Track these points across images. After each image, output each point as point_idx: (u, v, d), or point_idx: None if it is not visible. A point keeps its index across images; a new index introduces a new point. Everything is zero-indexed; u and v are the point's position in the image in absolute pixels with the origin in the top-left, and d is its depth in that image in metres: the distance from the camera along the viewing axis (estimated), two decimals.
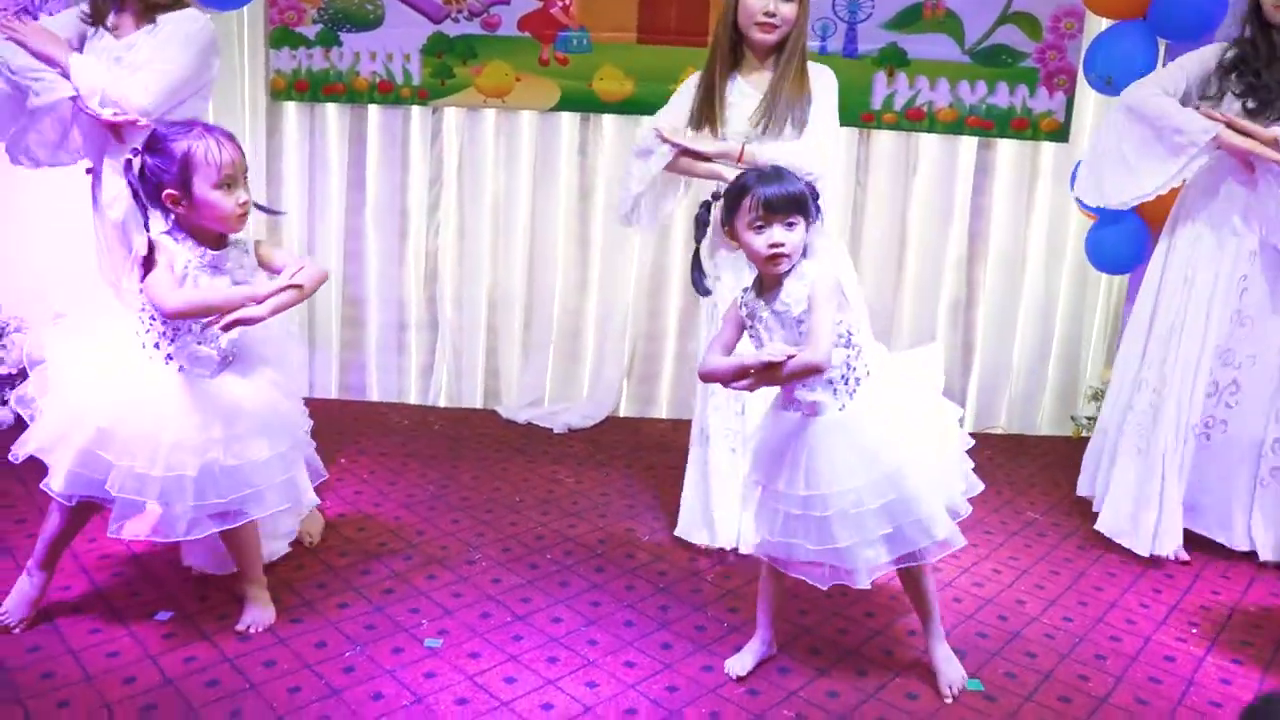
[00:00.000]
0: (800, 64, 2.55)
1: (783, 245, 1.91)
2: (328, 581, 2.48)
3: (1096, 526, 2.93)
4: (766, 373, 1.91)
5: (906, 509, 1.96)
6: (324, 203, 3.85)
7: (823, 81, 2.59)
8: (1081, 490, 3.13)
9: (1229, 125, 2.58)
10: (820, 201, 2.04)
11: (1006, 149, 3.83)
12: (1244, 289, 2.72)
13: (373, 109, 3.80)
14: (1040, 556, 2.84)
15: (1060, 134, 3.76)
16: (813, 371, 1.91)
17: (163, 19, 2.53)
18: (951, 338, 3.97)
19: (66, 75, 2.44)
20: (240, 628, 2.22)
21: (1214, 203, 2.72)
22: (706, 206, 2.03)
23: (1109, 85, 3.37)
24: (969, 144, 3.82)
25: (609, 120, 3.80)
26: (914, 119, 3.74)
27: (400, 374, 4.03)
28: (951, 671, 2.13)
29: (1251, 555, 2.81)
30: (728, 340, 2.04)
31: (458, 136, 3.83)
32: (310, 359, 3.96)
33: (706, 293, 2.23)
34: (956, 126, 3.75)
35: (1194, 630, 2.46)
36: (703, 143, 2.54)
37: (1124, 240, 3.47)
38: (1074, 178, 3.46)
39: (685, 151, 2.55)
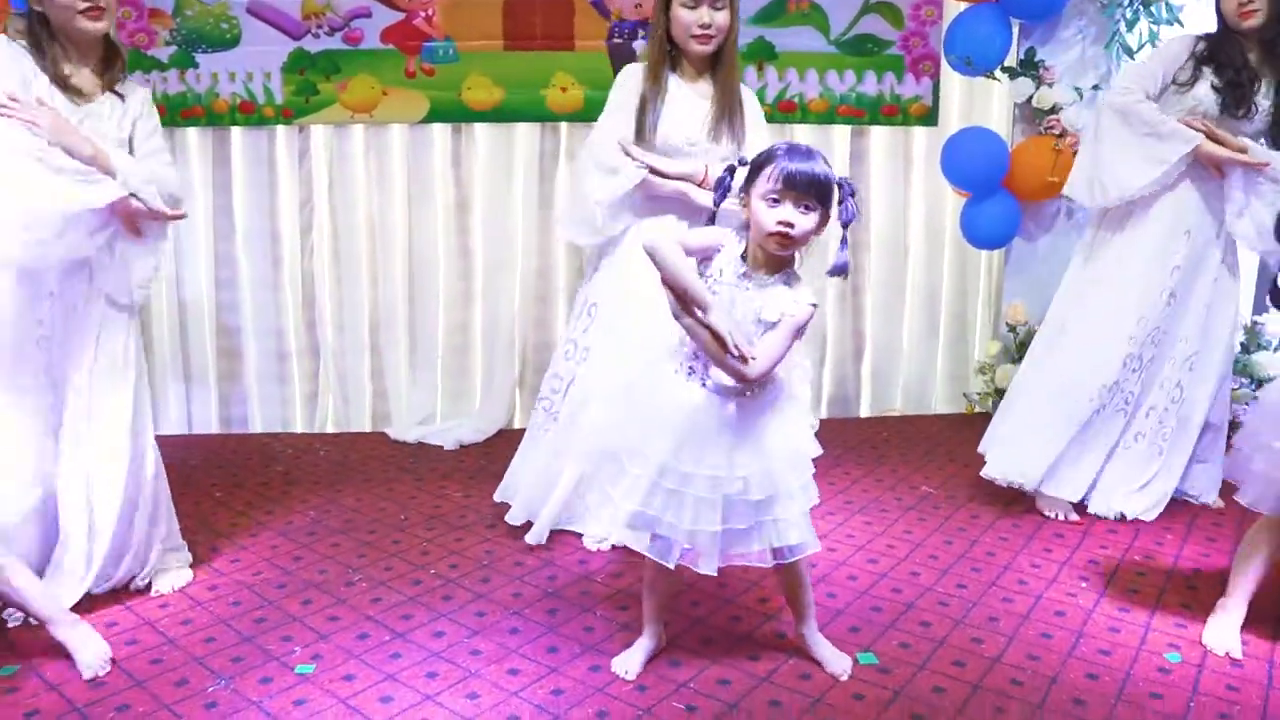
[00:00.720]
0: (737, 72, 2.58)
1: (792, 226, 1.79)
2: (193, 617, 2.33)
3: (986, 471, 2.95)
4: (705, 333, 1.80)
5: (776, 507, 1.91)
6: (190, 231, 3.69)
7: (751, 101, 2.62)
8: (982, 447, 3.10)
9: (1208, 135, 2.66)
10: (853, 201, 1.89)
11: (879, 136, 3.88)
12: (1175, 266, 2.79)
13: (235, 131, 3.67)
14: (934, 529, 2.83)
15: (929, 118, 3.83)
16: (736, 378, 1.83)
17: (135, 94, 2.34)
18: (841, 325, 3.99)
19: (108, 172, 2.14)
20: (88, 676, 2.06)
21: (1167, 197, 2.77)
22: (731, 170, 1.92)
23: (969, 66, 3.45)
24: (842, 133, 3.86)
25: (481, 129, 3.74)
26: (786, 111, 3.76)
27: (284, 403, 3.87)
28: (836, 662, 2.08)
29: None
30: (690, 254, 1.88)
31: (326, 154, 3.72)
32: (186, 394, 3.78)
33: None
34: (828, 116, 3.78)
35: (1084, 584, 2.48)
36: (669, 163, 2.50)
37: (997, 217, 3.55)
38: (945, 159, 3.52)
39: (653, 171, 2.50)
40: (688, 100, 2.55)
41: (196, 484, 3.20)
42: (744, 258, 1.89)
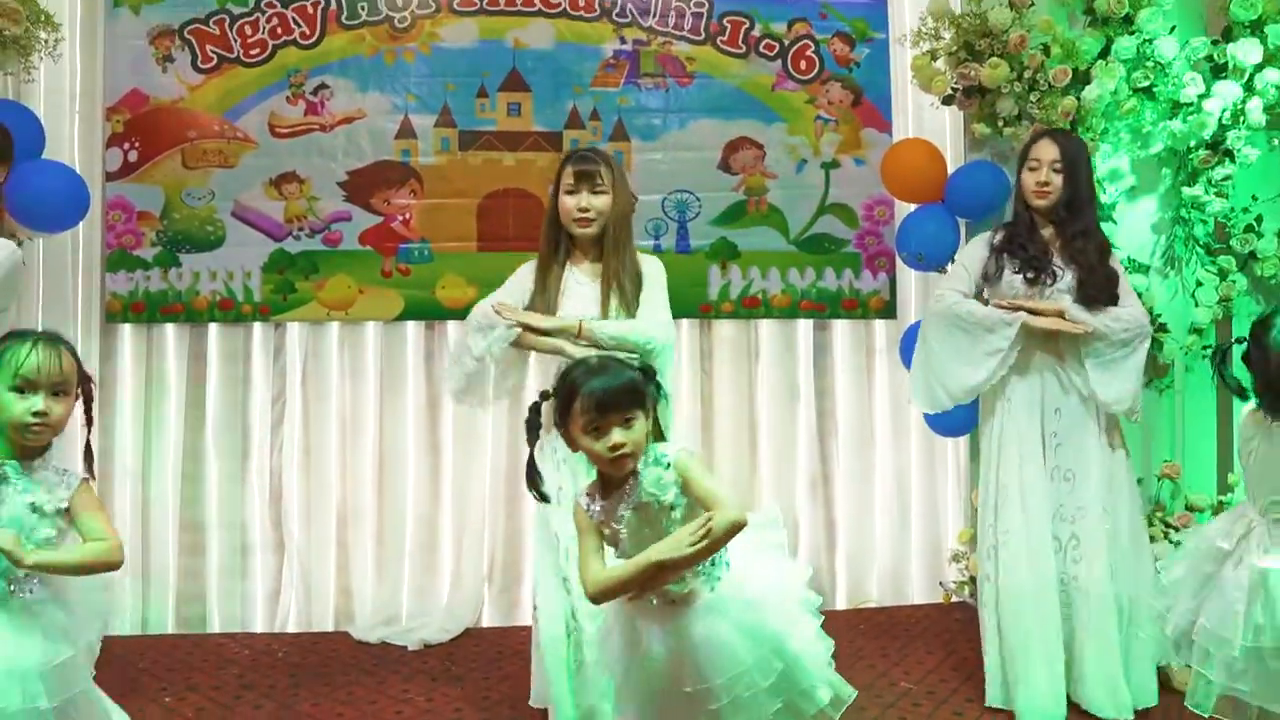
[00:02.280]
0: (628, 250, 2.64)
1: (624, 445, 1.77)
2: None
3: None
4: (683, 565, 1.75)
5: (793, 679, 1.82)
6: (160, 424, 3.70)
7: (649, 269, 2.68)
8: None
9: (1027, 311, 2.77)
10: (662, 378, 1.93)
11: (841, 329, 4.01)
12: (1057, 444, 2.83)
13: (213, 327, 3.75)
14: None
15: (888, 311, 3.97)
16: (739, 529, 1.76)
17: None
18: (813, 516, 3.98)
19: None
20: None
21: (1028, 375, 2.86)
22: (536, 409, 1.89)
23: (921, 261, 3.61)
24: (806, 326, 3.99)
25: (454, 326, 3.82)
26: (750, 306, 3.90)
27: (245, 601, 3.75)
28: None
29: None
30: (597, 547, 1.84)
31: (301, 350, 3.78)
32: (144, 593, 3.66)
33: (545, 499, 2.02)
34: (791, 311, 3.92)
35: None
36: (542, 319, 2.56)
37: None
38: (905, 350, 3.64)
39: (525, 327, 2.55)
40: (580, 284, 2.62)
41: (144, 689, 3.05)
42: (600, 487, 1.86)
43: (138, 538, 3.69)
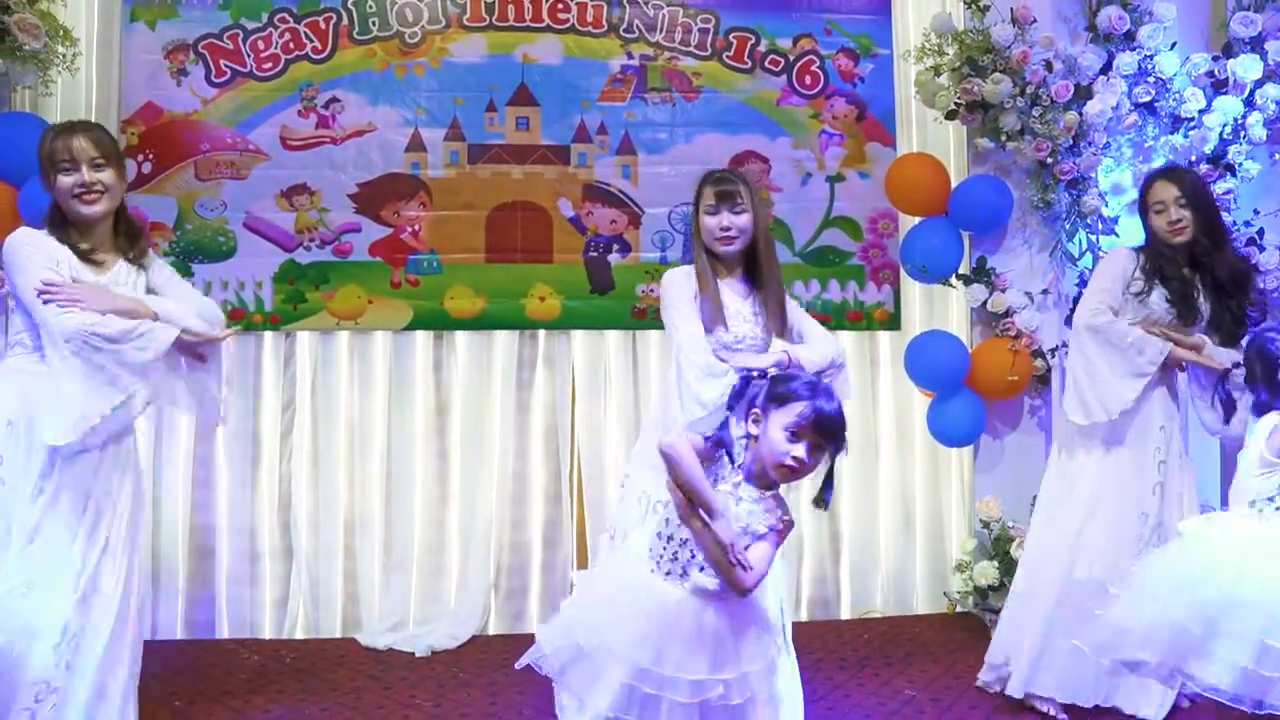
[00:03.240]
0: (777, 264, 2.74)
1: (803, 464, 1.85)
2: None
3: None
4: (708, 538, 1.82)
5: (749, 711, 1.87)
6: (172, 430, 3.75)
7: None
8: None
9: (1170, 339, 2.87)
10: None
11: (846, 340, 3.97)
12: (1160, 461, 2.92)
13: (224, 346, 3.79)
14: None
15: (892, 323, 4.01)
16: (734, 586, 1.83)
17: (154, 265, 2.68)
18: (818, 526, 4.00)
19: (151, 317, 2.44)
20: None
21: (1143, 400, 2.91)
22: (747, 380, 1.97)
23: (925, 274, 3.65)
24: None
25: (461, 336, 3.87)
26: None
27: (253, 607, 3.78)
28: None
29: None
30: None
31: (311, 359, 3.83)
32: (154, 598, 3.70)
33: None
34: None
35: None
36: (757, 358, 2.56)
37: (962, 415, 3.65)
38: (909, 361, 3.67)
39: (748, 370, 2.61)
40: (728, 299, 2.66)
41: (152, 693, 3.06)
42: (741, 467, 1.91)
43: (149, 542, 3.73)
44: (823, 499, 1.95)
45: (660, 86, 3.92)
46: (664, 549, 1.90)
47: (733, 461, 1.90)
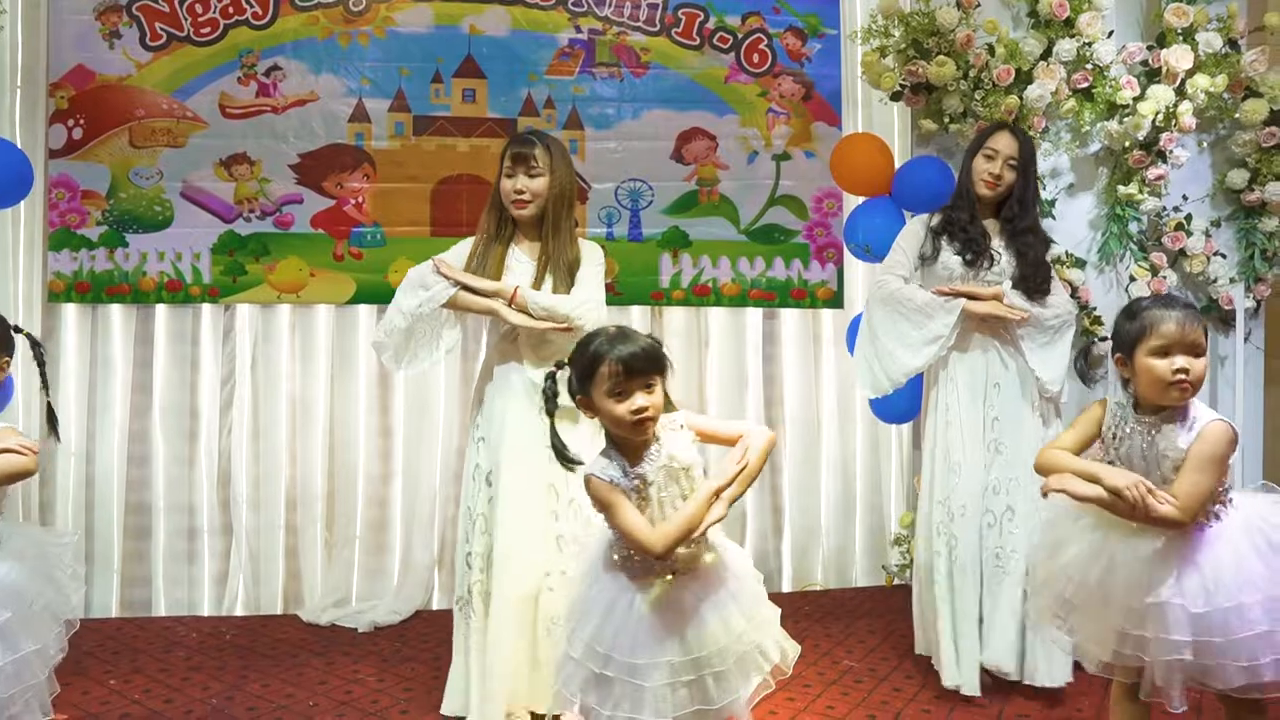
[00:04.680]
0: (567, 230, 2.67)
1: (647, 409, 1.79)
2: None
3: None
4: (731, 497, 1.82)
5: (760, 642, 1.87)
6: (106, 406, 3.66)
7: (587, 252, 2.71)
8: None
9: (965, 295, 2.87)
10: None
11: (790, 318, 4.09)
12: (994, 418, 2.93)
13: (160, 308, 3.71)
14: (857, 703, 2.81)
15: (835, 301, 4.06)
16: (773, 444, 1.87)
17: None
18: (760, 501, 4.06)
19: None
20: None
21: (969, 353, 2.95)
22: (552, 377, 1.92)
23: (869, 253, 3.69)
24: (754, 315, 4.06)
25: None
26: (701, 294, 3.96)
27: (191, 585, 3.74)
28: None
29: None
30: (636, 509, 1.83)
31: (251, 333, 3.77)
32: (88, 575, 3.61)
33: (572, 465, 1.94)
34: (741, 299, 3.99)
35: None
36: (479, 280, 2.59)
37: (902, 392, 3.68)
38: (850, 337, 3.72)
39: (463, 287, 2.58)
40: (519, 262, 2.65)
41: (89, 671, 3.03)
42: (620, 453, 1.86)
43: (81, 521, 3.65)
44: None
45: (608, 61, 3.90)
46: (618, 546, 1.88)
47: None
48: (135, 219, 3.65)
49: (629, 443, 1.85)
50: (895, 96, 3.62)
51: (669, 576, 1.83)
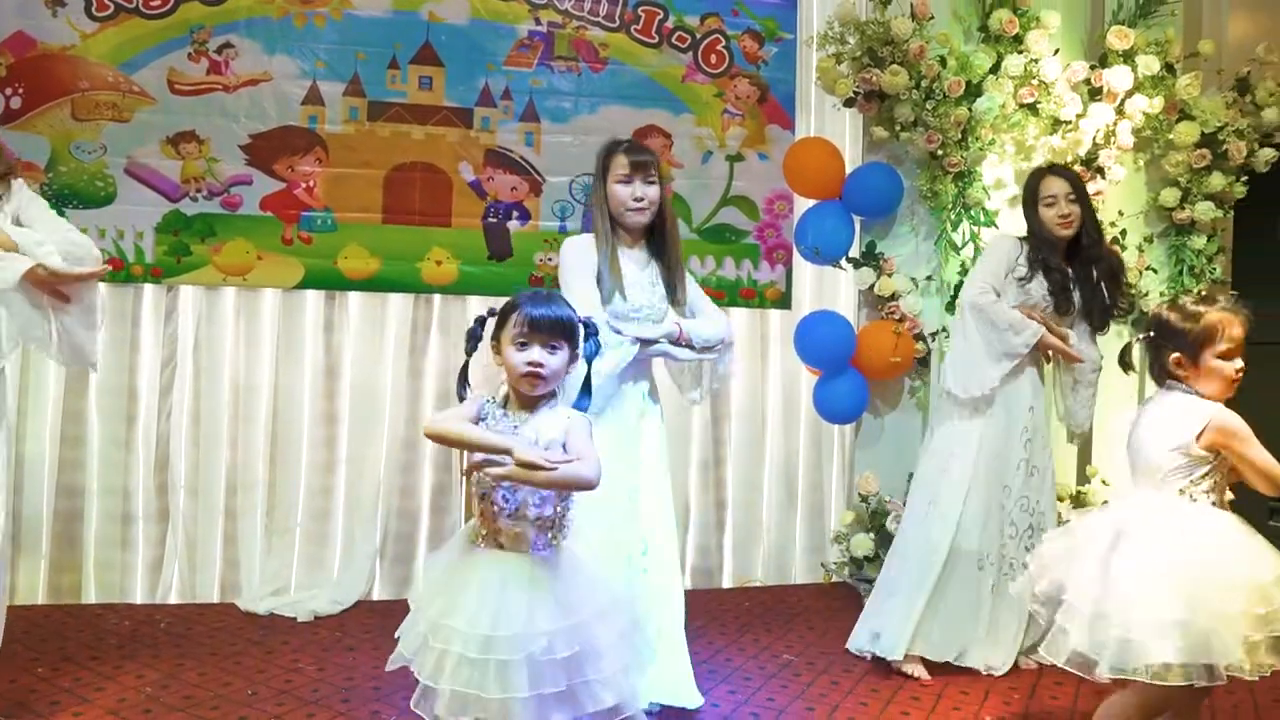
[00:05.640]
0: (678, 236, 2.80)
1: (541, 366, 1.89)
2: None
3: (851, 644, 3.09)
4: (525, 470, 1.78)
5: (582, 667, 1.83)
6: (39, 384, 3.55)
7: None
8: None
9: (1045, 325, 3.04)
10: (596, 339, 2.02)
11: (738, 317, 4.13)
12: (1027, 439, 3.10)
13: (100, 287, 3.55)
14: (796, 695, 2.87)
15: (784, 301, 4.13)
16: (583, 487, 1.83)
17: (17, 190, 2.55)
18: (704, 496, 4.10)
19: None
20: None
21: (1012, 378, 3.07)
22: (481, 321, 2.00)
23: (818, 255, 3.77)
24: None
25: (355, 297, 3.80)
26: None
27: (124, 571, 3.64)
28: None
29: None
30: (464, 419, 1.91)
31: (194, 314, 3.68)
32: (13, 560, 3.49)
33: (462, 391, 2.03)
34: None
35: None
36: (650, 329, 2.62)
37: (847, 393, 3.78)
38: (798, 340, 3.79)
39: (642, 342, 2.62)
40: (628, 268, 2.68)
41: (15, 659, 2.93)
42: (504, 405, 1.96)
43: (8, 503, 3.52)
44: (578, 405, 1.97)
45: (567, 55, 3.91)
46: (474, 521, 1.94)
47: (493, 401, 1.95)
48: (76, 194, 3.54)
49: (519, 398, 1.94)
50: (849, 103, 3.69)
51: (480, 531, 1.92)
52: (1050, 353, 3.12)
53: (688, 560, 4.09)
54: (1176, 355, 2.17)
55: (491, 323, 1.99)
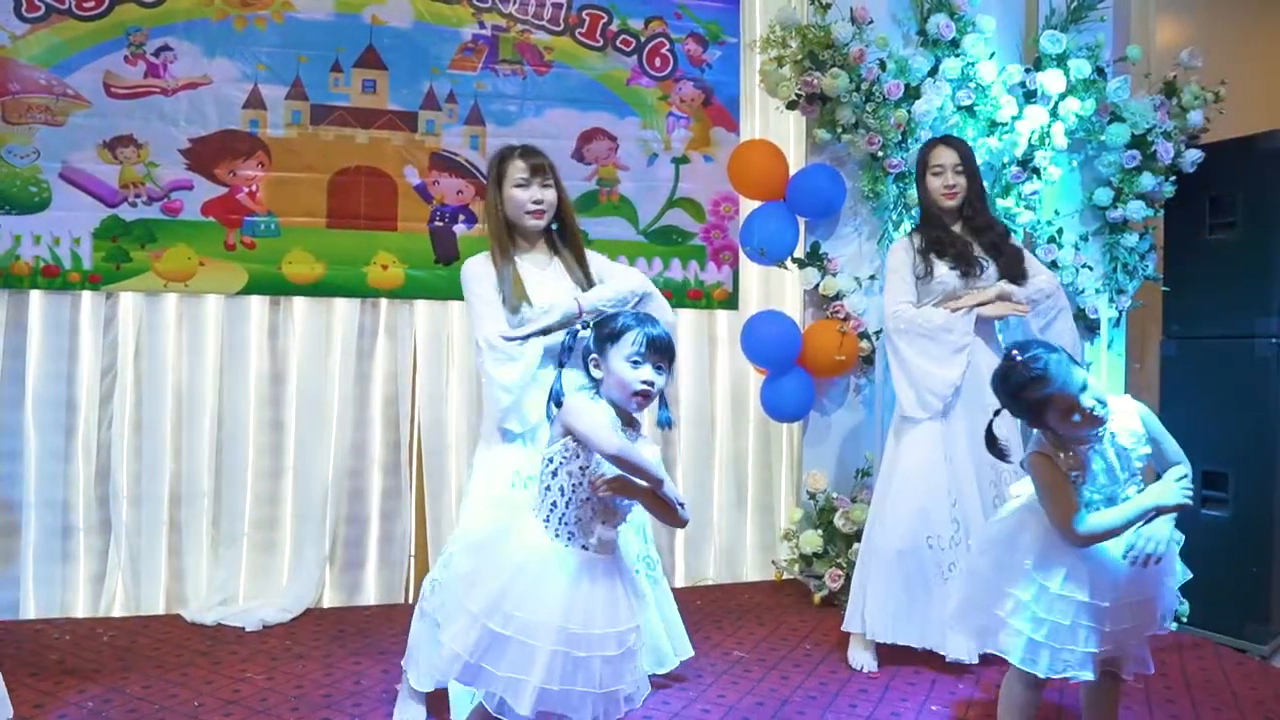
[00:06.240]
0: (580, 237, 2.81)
1: (652, 385, 1.93)
2: None
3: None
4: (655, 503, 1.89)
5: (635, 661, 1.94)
6: None
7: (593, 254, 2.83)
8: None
9: (975, 305, 3.05)
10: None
11: (686, 318, 4.17)
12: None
13: (35, 295, 3.54)
14: (746, 692, 2.90)
15: (730, 302, 4.17)
16: (678, 525, 1.95)
17: None
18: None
19: None
20: None
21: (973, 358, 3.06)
22: (574, 334, 2.04)
23: (764, 256, 3.81)
24: None
25: (300, 303, 3.76)
26: None
27: (65, 585, 3.56)
28: None
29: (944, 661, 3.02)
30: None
31: (135, 322, 3.62)
32: None
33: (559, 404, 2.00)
34: None
35: None
36: (546, 318, 2.58)
37: (793, 392, 3.83)
38: (744, 340, 3.83)
39: (542, 332, 2.58)
40: (529, 272, 2.68)
41: None
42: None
43: None
44: (663, 420, 2.01)
45: (511, 59, 3.91)
46: (563, 514, 1.91)
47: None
48: (8, 199, 3.46)
49: (620, 414, 1.94)
50: (791, 105, 3.75)
51: (593, 540, 1.91)
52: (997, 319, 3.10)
53: None
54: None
55: (585, 336, 2.01)
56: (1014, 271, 3.12)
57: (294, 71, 3.68)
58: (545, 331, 2.59)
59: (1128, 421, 2.13)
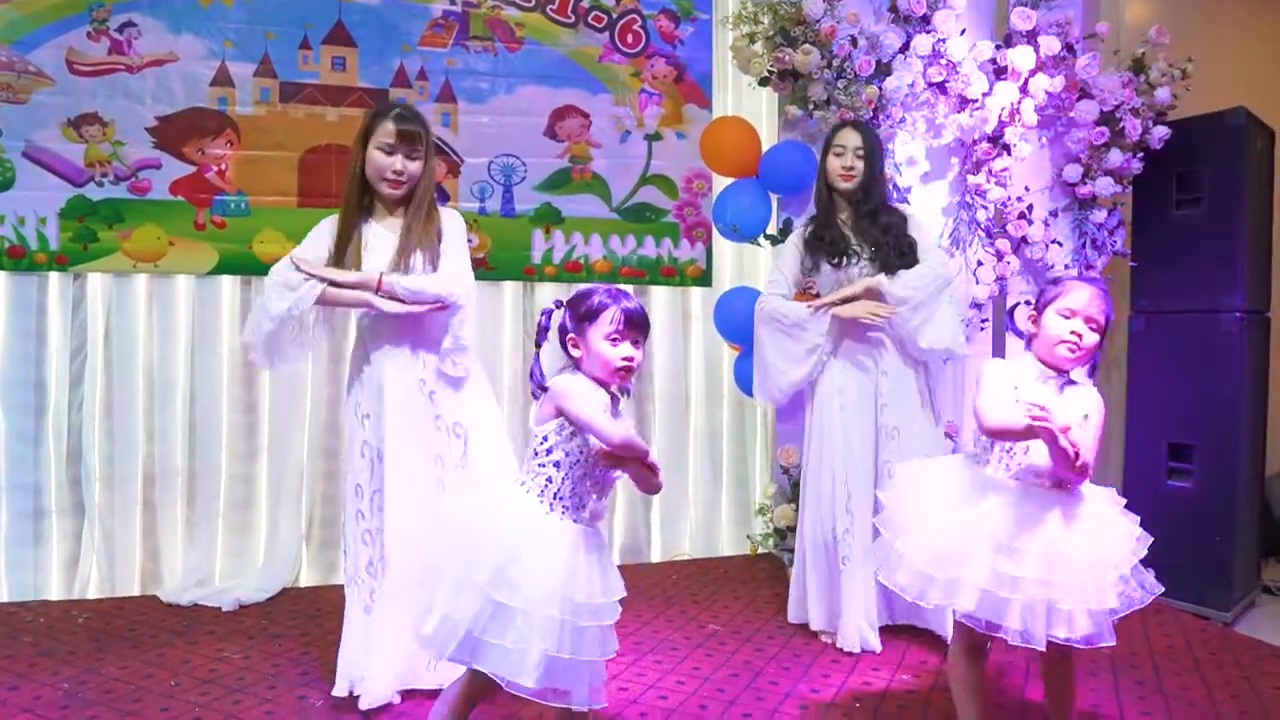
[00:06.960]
0: (429, 209, 2.63)
1: (633, 360, 1.95)
2: None
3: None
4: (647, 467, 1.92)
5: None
6: None
7: (451, 224, 2.66)
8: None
9: (832, 305, 3.05)
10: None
11: (659, 295, 4.19)
12: (883, 404, 3.10)
13: (1, 276, 3.50)
14: (721, 663, 2.94)
15: (704, 279, 4.18)
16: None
17: None
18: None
19: None
20: None
21: (861, 341, 3.11)
22: (548, 313, 1.99)
23: (736, 233, 3.82)
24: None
25: None
26: (573, 270, 4.01)
27: (38, 568, 3.55)
28: None
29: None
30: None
31: (104, 303, 3.59)
32: None
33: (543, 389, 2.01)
34: (612, 276, 4.05)
35: (858, 705, 2.63)
36: (342, 274, 2.52)
37: None
38: (718, 316, 3.85)
39: (330, 283, 2.51)
40: (380, 238, 2.60)
41: None
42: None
43: None
44: (625, 390, 2.04)
45: (483, 35, 3.88)
46: (558, 490, 1.94)
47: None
48: None
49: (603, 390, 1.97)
50: (763, 82, 3.75)
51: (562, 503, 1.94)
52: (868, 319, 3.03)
53: (616, 538, 4.14)
54: (1032, 312, 2.27)
55: (558, 314, 2.00)
56: (889, 261, 3.06)
57: (262, 48, 3.64)
58: (335, 285, 2.49)
59: None
